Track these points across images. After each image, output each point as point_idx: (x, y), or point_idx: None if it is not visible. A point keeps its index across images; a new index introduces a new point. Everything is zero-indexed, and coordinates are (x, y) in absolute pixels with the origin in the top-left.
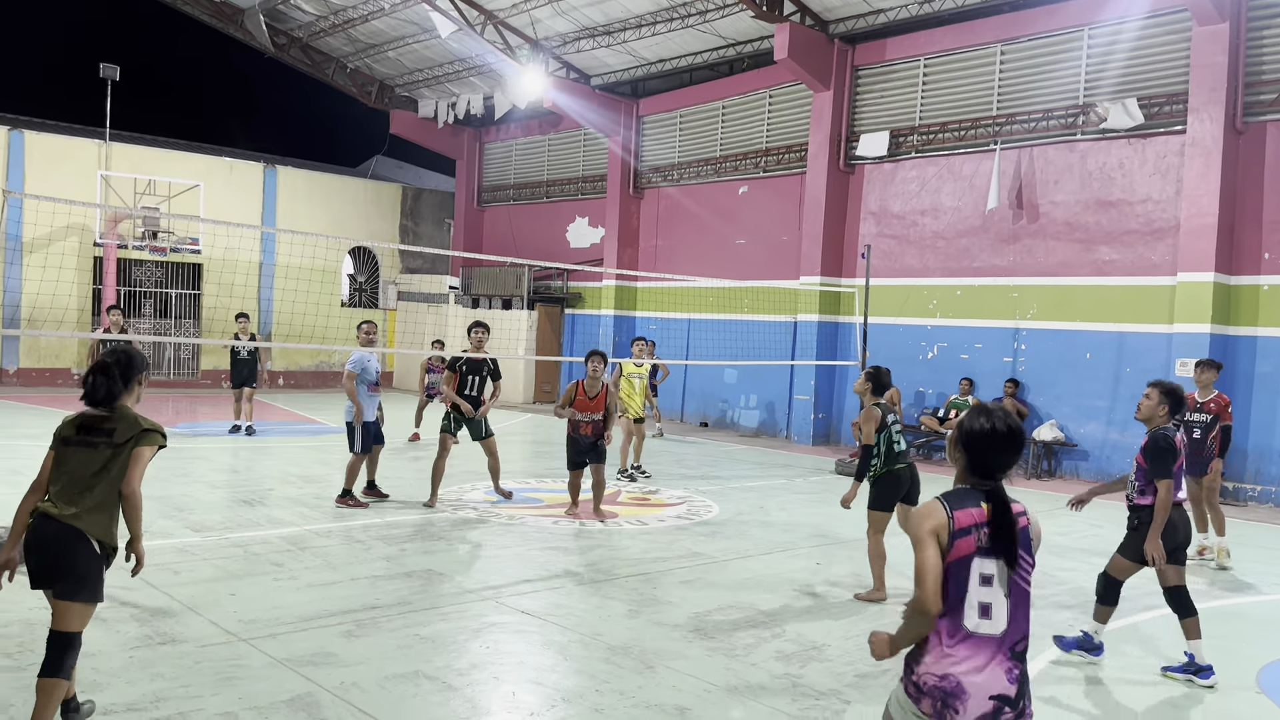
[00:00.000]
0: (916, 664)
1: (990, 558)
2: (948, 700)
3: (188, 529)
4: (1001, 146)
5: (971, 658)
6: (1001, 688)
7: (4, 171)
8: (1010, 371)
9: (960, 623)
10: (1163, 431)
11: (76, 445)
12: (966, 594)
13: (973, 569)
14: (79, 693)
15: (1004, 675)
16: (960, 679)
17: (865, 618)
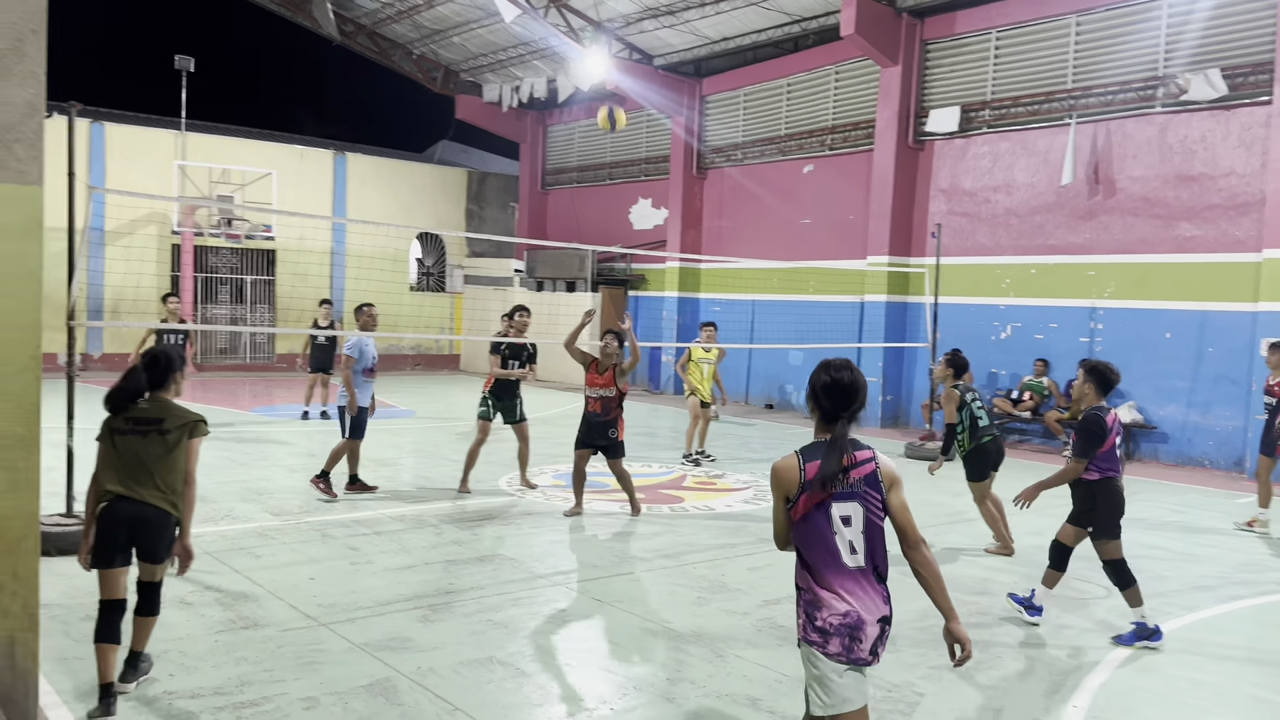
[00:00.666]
0: (816, 617)
1: (846, 500)
2: (854, 634)
3: (267, 513)
4: (1077, 120)
5: (856, 591)
6: (880, 610)
7: (86, 163)
8: (1086, 351)
9: (841, 563)
10: (1094, 412)
11: (130, 435)
12: (834, 535)
13: (832, 512)
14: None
15: (879, 600)
16: (859, 612)
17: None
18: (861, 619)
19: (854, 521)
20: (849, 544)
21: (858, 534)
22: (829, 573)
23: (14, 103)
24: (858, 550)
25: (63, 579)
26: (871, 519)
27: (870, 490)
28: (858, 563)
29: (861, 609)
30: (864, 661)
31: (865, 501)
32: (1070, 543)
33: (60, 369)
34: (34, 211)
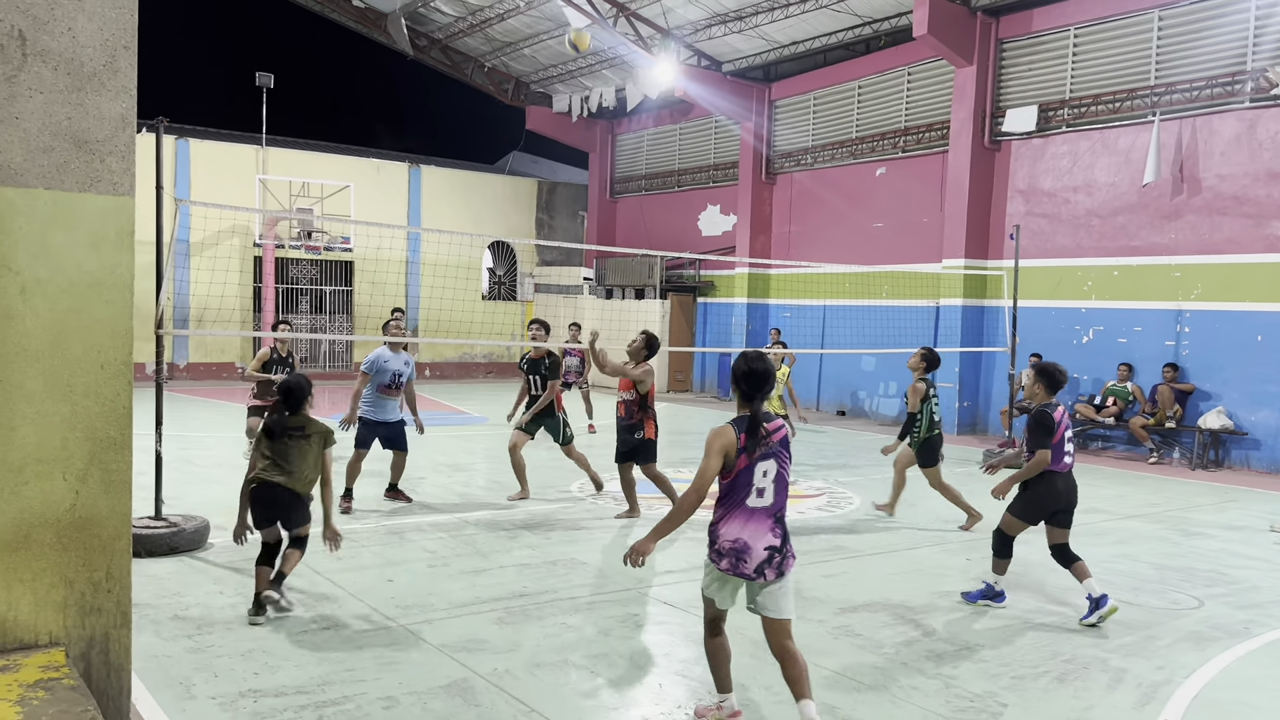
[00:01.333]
0: (717, 538)
1: (766, 459)
2: (739, 555)
3: (347, 517)
4: (1160, 117)
5: (750, 525)
6: (770, 541)
7: (172, 177)
8: (1172, 355)
9: (744, 504)
10: (1042, 408)
11: (284, 438)
12: (752, 484)
13: (756, 469)
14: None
15: (770, 533)
16: (746, 540)
17: (1021, 615)
18: (749, 545)
19: (770, 474)
20: (759, 491)
21: (769, 484)
22: (736, 512)
23: (107, 117)
24: (764, 496)
25: (152, 580)
26: (781, 473)
27: (783, 450)
28: (762, 505)
29: (750, 539)
30: (748, 577)
31: (779, 459)
32: (1013, 532)
33: (148, 377)
34: (126, 222)
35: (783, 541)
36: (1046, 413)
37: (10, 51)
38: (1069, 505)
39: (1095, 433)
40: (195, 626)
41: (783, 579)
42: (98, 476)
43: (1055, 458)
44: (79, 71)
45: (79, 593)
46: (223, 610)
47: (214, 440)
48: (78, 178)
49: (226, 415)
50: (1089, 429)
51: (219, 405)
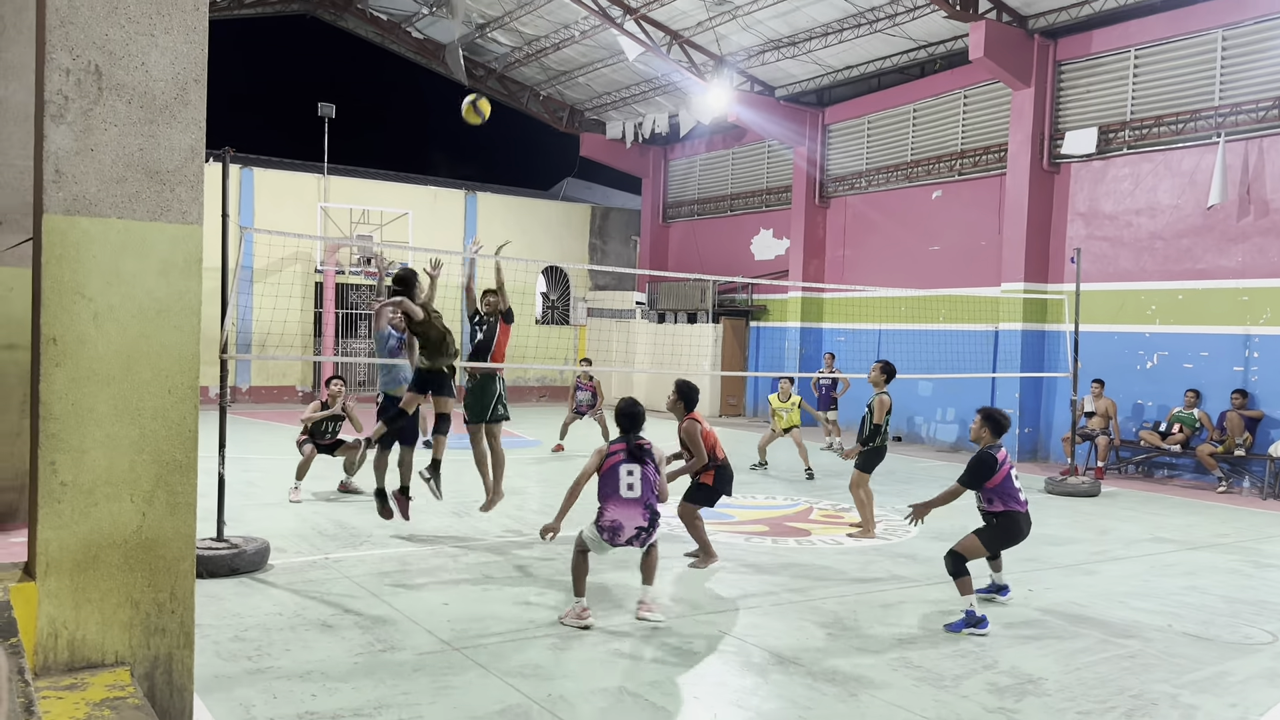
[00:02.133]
0: (600, 518)
1: (633, 463)
2: (615, 530)
3: (402, 539)
4: (1226, 138)
5: (624, 511)
6: (639, 523)
7: (237, 206)
8: (1240, 381)
9: (621, 496)
10: (986, 450)
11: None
12: (622, 481)
13: (621, 469)
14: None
15: (640, 517)
16: (621, 520)
17: (1085, 648)
18: (621, 525)
19: (635, 474)
20: (629, 484)
21: (638, 480)
22: (613, 499)
23: (178, 148)
24: (635, 489)
25: (214, 600)
26: (647, 475)
27: (651, 460)
28: (635, 495)
29: (624, 519)
30: (619, 545)
31: (646, 466)
32: (969, 555)
33: (212, 401)
34: (194, 250)
35: (649, 524)
36: (991, 455)
37: (87, 86)
38: (1021, 541)
39: (1161, 460)
40: (255, 648)
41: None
42: (163, 499)
43: (1011, 498)
44: (151, 104)
45: (144, 613)
46: (282, 632)
47: (275, 463)
48: (149, 207)
49: (287, 438)
50: (1154, 456)
51: (280, 428)
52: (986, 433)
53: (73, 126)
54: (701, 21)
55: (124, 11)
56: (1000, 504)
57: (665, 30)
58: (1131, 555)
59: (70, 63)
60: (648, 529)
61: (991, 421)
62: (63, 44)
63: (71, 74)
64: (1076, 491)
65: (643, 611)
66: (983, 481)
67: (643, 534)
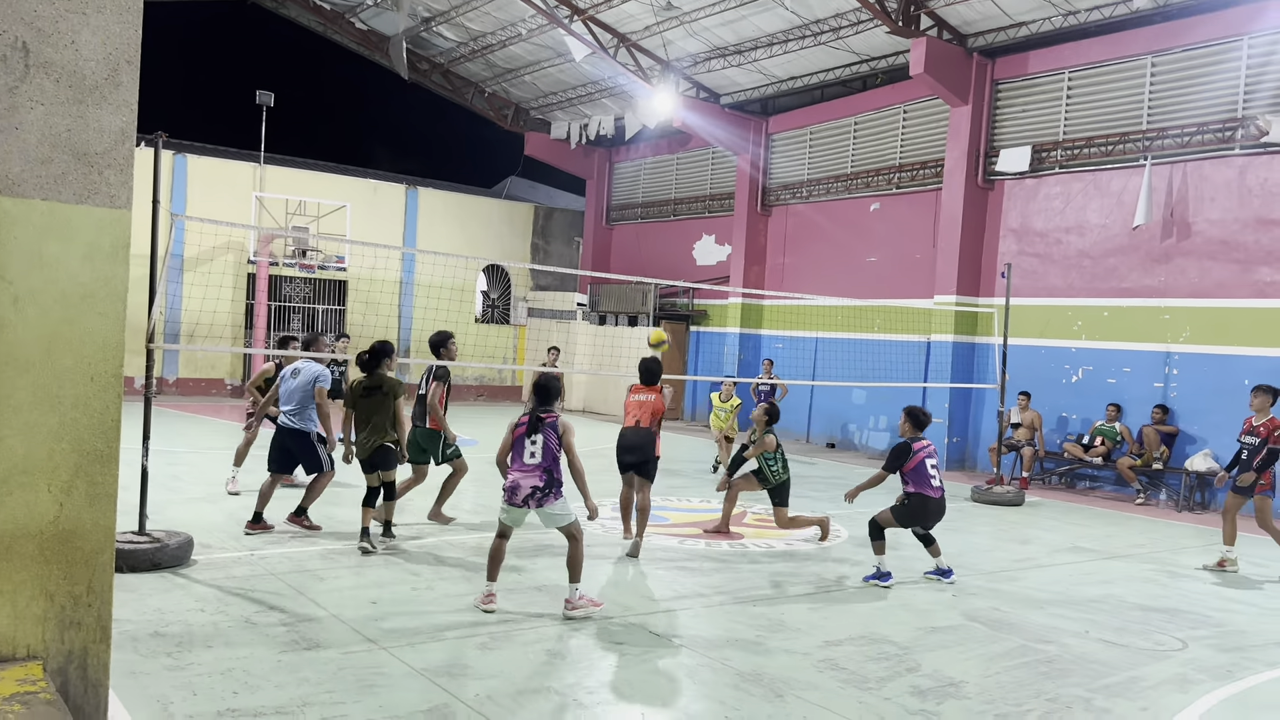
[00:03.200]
0: (505, 482)
1: (536, 433)
2: (513, 491)
3: (332, 537)
4: (1152, 161)
5: (523, 473)
6: (534, 483)
7: (169, 193)
8: (1160, 397)
9: (523, 461)
10: (904, 440)
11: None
12: (525, 449)
13: (527, 438)
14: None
15: (537, 479)
16: (519, 480)
17: (1005, 653)
18: (519, 484)
19: (538, 443)
20: (531, 453)
21: (539, 449)
22: (516, 464)
23: (108, 130)
24: (535, 456)
25: (134, 595)
26: (548, 444)
27: (551, 431)
28: (535, 462)
29: (522, 480)
30: (517, 505)
31: (546, 436)
32: (885, 525)
33: (137, 391)
34: (122, 235)
35: (545, 485)
36: (908, 444)
37: (13, 63)
38: (933, 523)
39: (1083, 472)
40: (175, 644)
41: (544, 507)
42: (83, 489)
43: (925, 483)
44: (81, 84)
45: (59, 606)
46: (204, 628)
47: (201, 457)
48: (75, 189)
49: (214, 431)
50: (1077, 468)
51: (207, 421)
52: (908, 427)
53: None
54: (649, 25)
55: None
56: (914, 486)
57: (613, 32)
58: (1053, 564)
59: None
60: (544, 490)
61: (913, 417)
62: None
63: None
64: (1001, 501)
65: (568, 610)
66: (899, 466)
67: (538, 494)
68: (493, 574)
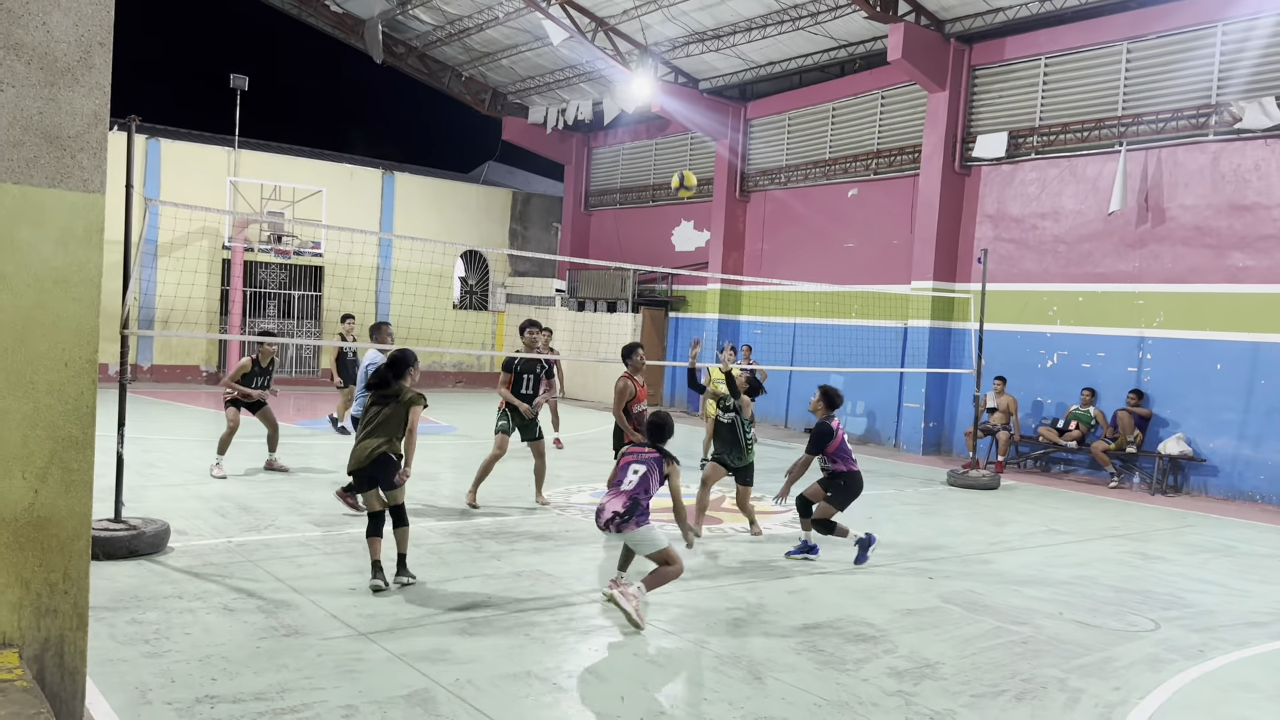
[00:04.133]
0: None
1: (639, 463)
2: (599, 514)
3: (310, 524)
4: (1127, 148)
5: (612, 498)
6: (616, 508)
7: (142, 178)
8: (1135, 381)
9: (619, 487)
10: (824, 421)
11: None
12: (625, 475)
13: (629, 466)
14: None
15: (620, 505)
16: (604, 503)
17: (981, 634)
18: (603, 507)
19: (639, 473)
20: (629, 480)
21: (636, 478)
22: (612, 488)
23: (80, 113)
24: (630, 484)
25: (110, 583)
26: (648, 477)
27: (656, 466)
28: (629, 488)
29: (607, 503)
30: (600, 528)
31: (650, 470)
32: (814, 500)
33: (111, 378)
34: (96, 219)
35: (628, 511)
36: (828, 425)
37: None
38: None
39: (1058, 456)
40: (153, 631)
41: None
42: (58, 476)
43: (849, 459)
44: (52, 66)
45: (35, 593)
46: (181, 615)
47: (176, 444)
48: (47, 173)
49: (189, 418)
50: (1052, 452)
51: (182, 408)
52: (822, 407)
53: None
54: (627, 9)
55: None
56: (842, 465)
57: (591, 16)
58: (1027, 546)
59: None
60: (624, 516)
61: (827, 397)
62: None
63: None
64: (977, 485)
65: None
66: (824, 447)
67: (618, 519)
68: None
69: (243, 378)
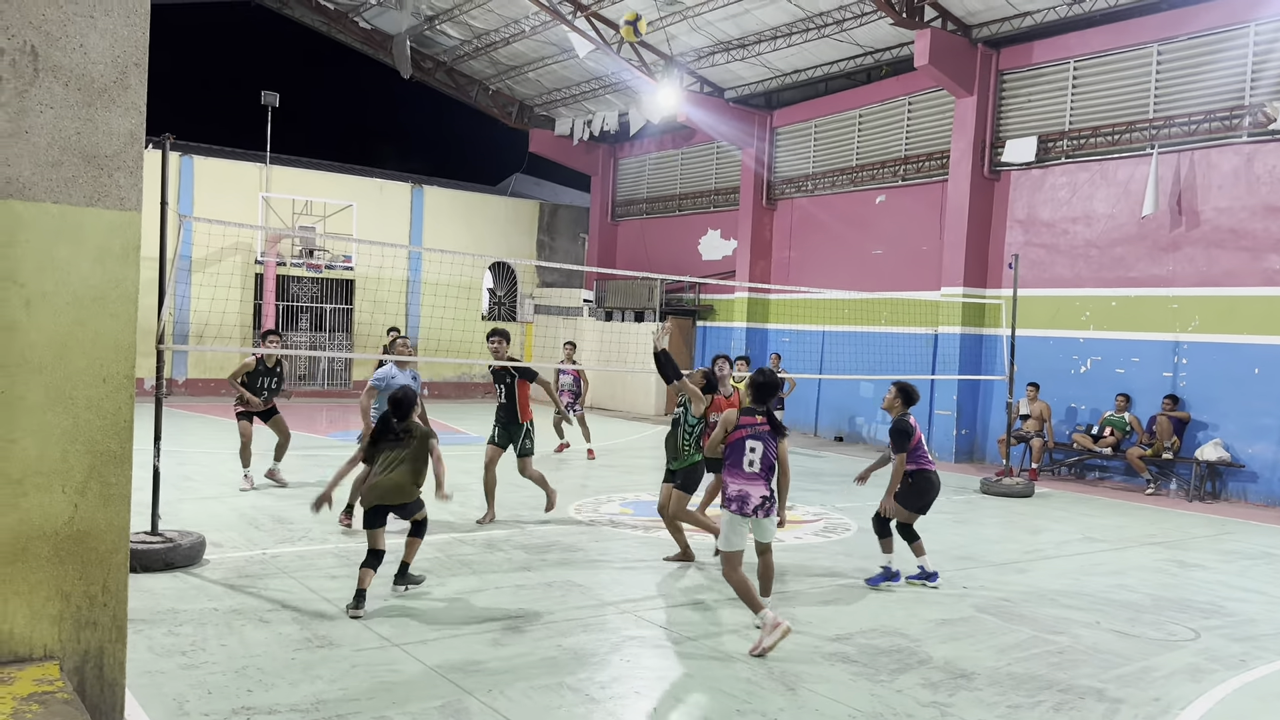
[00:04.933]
0: (726, 491)
1: (756, 440)
2: (743, 500)
3: (342, 535)
4: (1159, 150)
5: (746, 483)
6: (762, 492)
7: (176, 195)
8: (1170, 387)
9: (743, 470)
10: (902, 418)
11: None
12: (745, 455)
13: (747, 444)
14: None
15: (762, 487)
16: (748, 491)
17: (1017, 644)
18: (748, 494)
19: (757, 450)
20: (750, 460)
21: (758, 457)
22: (736, 472)
23: (117, 132)
24: (755, 464)
25: (147, 595)
26: (767, 451)
27: (769, 437)
28: (754, 471)
29: (750, 490)
30: (747, 514)
31: (765, 441)
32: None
33: (147, 393)
34: (133, 237)
35: (771, 495)
36: (907, 421)
37: (22, 67)
38: (933, 501)
39: (1092, 463)
40: (189, 642)
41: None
42: (96, 490)
43: (924, 458)
44: (89, 87)
45: (75, 606)
46: (217, 627)
47: (211, 457)
48: (85, 192)
49: (225, 431)
50: (1086, 458)
51: (216, 421)
52: (899, 403)
53: (6, 108)
54: (652, 21)
55: None
56: (914, 464)
57: (616, 28)
58: (1063, 554)
59: (5, 43)
60: (770, 499)
61: (905, 393)
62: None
63: (6, 54)
64: (1011, 492)
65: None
66: (905, 446)
67: (767, 503)
68: (755, 602)
69: (248, 376)
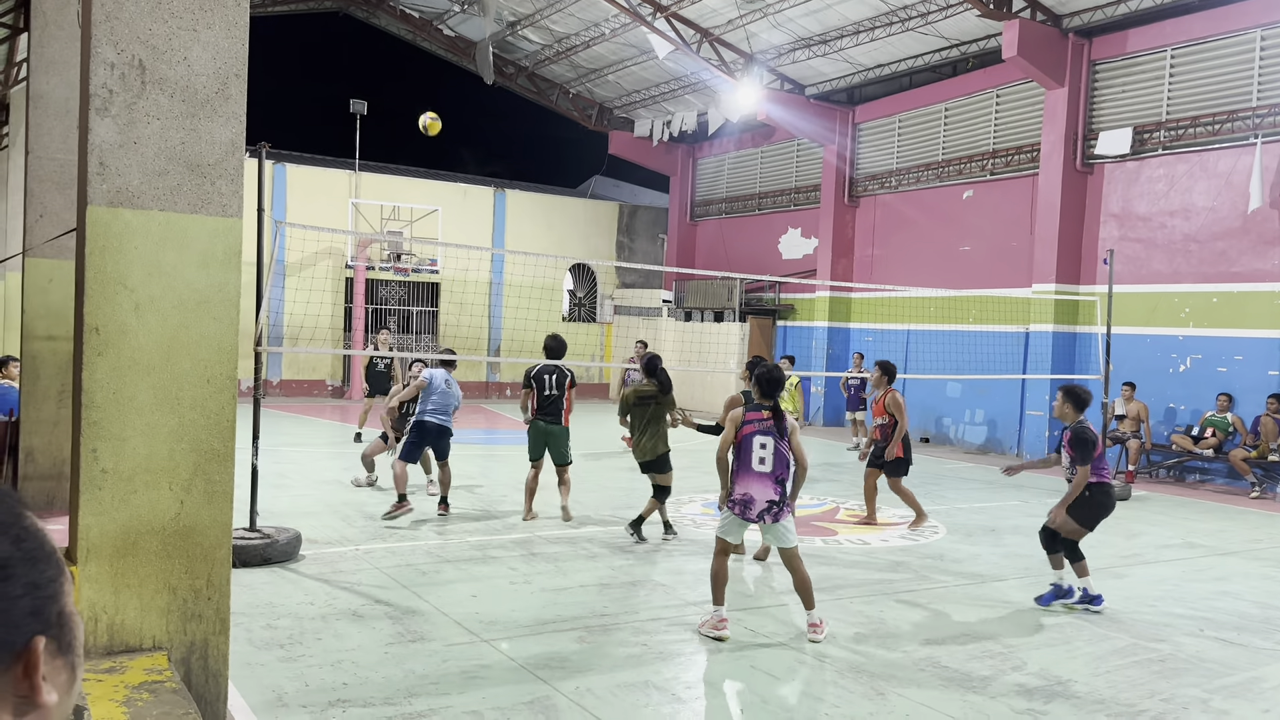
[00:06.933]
0: (734, 493)
1: (765, 435)
2: (746, 504)
3: (432, 531)
4: (1264, 140)
5: (754, 484)
6: (770, 496)
7: (270, 202)
8: (1276, 386)
9: (752, 469)
10: (1082, 426)
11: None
12: (754, 453)
13: (755, 440)
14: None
15: (771, 491)
16: (752, 495)
17: (1115, 651)
18: (753, 498)
19: (768, 446)
20: (760, 459)
21: (769, 454)
22: (745, 471)
23: (219, 142)
24: (765, 463)
25: (246, 589)
26: (779, 447)
27: (779, 433)
28: (764, 470)
29: (755, 493)
30: (750, 520)
31: (775, 438)
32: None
33: (245, 393)
34: (234, 242)
35: (780, 498)
36: (1089, 428)
37: (131, 80)
38: (1106, 514)
39: (1193, 465)
40: (287, 636)
41: (779, 522)
42: (201, 487)
43: (1104, 470)
44: (193, 98)
45: (181, 599)
46: (313, 621)
47: (305, 455)
48: (190, 200)
49: (317, 430)
50: (1186, 461)
51: (309, 421)
52: (1070, 409)
53: (116, 120)
54: (732, 19)
55: (167, 6)
56: (1094, 475)
57: (695, 28)
58: (1162, 559)
59: (115, 57)
60: (779, 504)
61: (1074, 397)
62: (108, 38)
63: (116, 68)
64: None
65: (814, 634)
66: (1092, 456)
67: (774, 508)
68: (719, 595)
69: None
